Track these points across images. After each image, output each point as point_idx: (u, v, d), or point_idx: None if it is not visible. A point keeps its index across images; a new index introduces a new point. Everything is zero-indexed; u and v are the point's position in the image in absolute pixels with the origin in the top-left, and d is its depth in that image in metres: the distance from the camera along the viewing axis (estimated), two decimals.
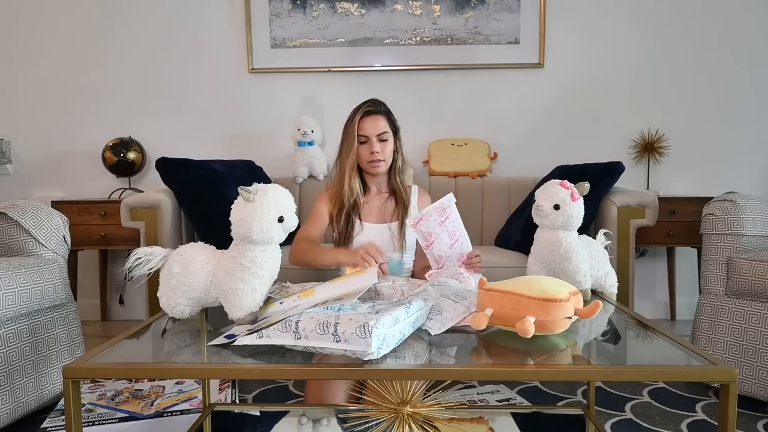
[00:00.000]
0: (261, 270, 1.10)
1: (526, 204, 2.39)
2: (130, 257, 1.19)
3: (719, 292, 1.88)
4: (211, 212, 2.21)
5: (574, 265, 1.29)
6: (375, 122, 1.74)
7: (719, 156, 2.88)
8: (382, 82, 2.89)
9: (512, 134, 2.90)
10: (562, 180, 1.32)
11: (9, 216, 1.83)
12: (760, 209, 1.89)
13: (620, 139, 2.88)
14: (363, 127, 1.73)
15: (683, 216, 2.56)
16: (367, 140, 1.73)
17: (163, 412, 1.73)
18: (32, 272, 1.71)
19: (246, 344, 0.98)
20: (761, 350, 1.74)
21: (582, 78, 2.87)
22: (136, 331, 1.13)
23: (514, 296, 1.02)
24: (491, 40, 2.84)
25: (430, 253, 1.53)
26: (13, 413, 1.62)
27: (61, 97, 2.95)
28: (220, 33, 2.90)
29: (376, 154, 1.73)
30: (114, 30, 2.91)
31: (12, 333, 1.63)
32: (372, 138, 1.73)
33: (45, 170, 2.99)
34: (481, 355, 1.02)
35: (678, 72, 2.85)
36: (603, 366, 0.98)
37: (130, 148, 2.82)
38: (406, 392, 1.19)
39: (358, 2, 2.83)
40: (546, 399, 1.88)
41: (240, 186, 1.10)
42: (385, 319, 0.92)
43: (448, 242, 1.51)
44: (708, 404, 1.81)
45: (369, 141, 1.73)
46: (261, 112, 2.94)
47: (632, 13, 2.84)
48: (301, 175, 2.69)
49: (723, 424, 0.85)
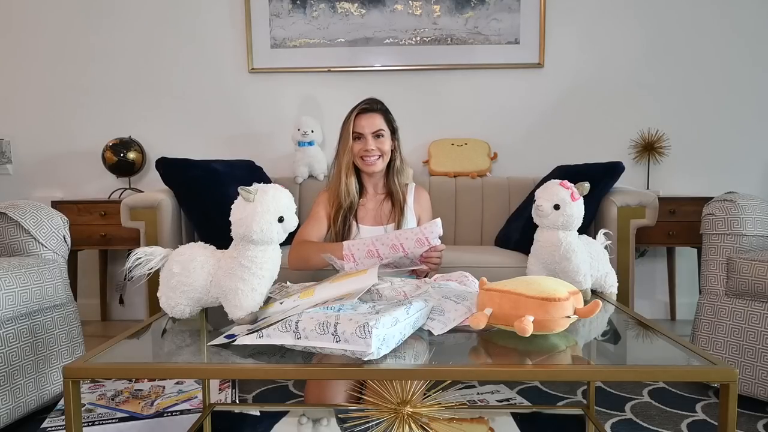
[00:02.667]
0: (261, 270, 1.10)
1: (526, 204, 2.38)
2: (130, 257, 1.19)
3: (719, 292, 1.88)
4: (211, 212, 2.21)
5: (574, 265, 1.29)
6: (371, 119, 1.74)
7: (719, 156, 2.88)
8: (382, 82, 2.89)
9: (512, 134, 2.90)
10: (562, 180, 1.32)
11: (9, 216, 1.83)
12: (760, 209, 1.89)
13: (620, 139, 2.88)
14: (358, 124, 1.73)
15: (683, 216, 2.56)
16: (361, 137, 1.73)
17: (163, 412, 1.73)
18: (32, 272, 1.71)
19: (246, 344, 0.98)
20: (761, 350, 1.74)
21: (582, 78, 2.87)
22: (136, 331, 1.13)
23: (513, 296, 1.02)
24: (491, 40, 2.84)
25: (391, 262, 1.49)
26: (13, 413, 1.62)
27: (61, 97, 2.95)
28: (220, 33, 2.90)
29: (370, 151, 1.72)
30: (114, 30, 2.91)
31: (12, 333, 1.63)
32: (367, 135, 1.73)
33: (45, 170, 2.99)
34: (481, 355, 1.02)
35: (678, 72, 2.85)
36: (603, 366, 0.98)
37: (130, 148, 2.82)
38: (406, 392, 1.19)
39: (358, 2, 2.83)
40: (546, 399, 1.88)
41: (240, 186, 1.09)
42: (385, 319, 0.92)
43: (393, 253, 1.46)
44: (708, 404, 1.81)
45: (364, 138, 1.73)
46: (261, 112, 2.94)
47: (632, 13, 2.84)
48: (301, 175, 2.69)
49: (723, 424, 0.85)
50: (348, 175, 1.76)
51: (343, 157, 1.75)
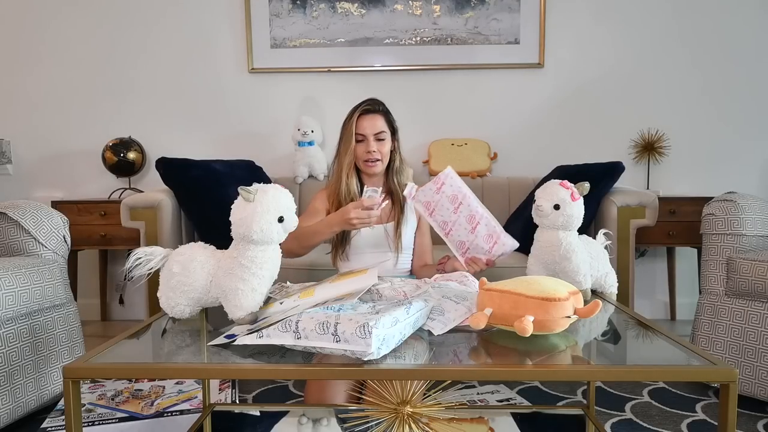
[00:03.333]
0: (261, 270, 1.10)
1: (526, 204, 2.39)
2: (130, 257, 1.19)
3: (719, 292, 1.88)
4: (211, 212, 2.21)
5: (574, 265, 1.29)
6: (373, 121, 1.73)
7: (719, 156, 2.88)
8: (382, 82, 2.89)
9: (512, 134, 2.90)
10: (562, 180, 1.32)
11: (9, 216, 1.83)
12: (760, 209, 1.89)
13: (620, 139, 2.88)
14: (360, 126, 1.73)
15: (683, 216, 2.56)
16: (364, 139, 1.73)
17: (163, 412, 1.73)
18: (32, 272, 1.71)
19: (246, 344, 0.98)
20: (761, 350, 1.74)
21: (582, 78, 2.88)
22: (136, 331, 1.13)
23: (513, 296, 1.02)
24: (491, 40, 2.84)
25: (451, 242, 1.45)
26: (13, 413, 1.62)
27: (61, 97, 2.96)
28: (220, 33, 2.90)
29: (372, 153, 1.72)
30: (114, 30, 2.91)
31: (12, 333, 1.63)
32: (369, 137, 1.72)
33: (45, 170, 2.99)
34: (481, 355, 1.02)
35: (678, 72, 2.85)
36: (603, 366, 0.98)
37: (130, 148, 2.82)
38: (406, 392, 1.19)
39: (358, 2, 2.83)
40: (546, 399, 1.88)
41: (240, 186, 1.09)
42: (385, 319, 0.92)
43: (466, 226, 1.42)
44: (708, 404, 1.81)
45: (366, 140, 1.73)
46: (261, 112, 2.94)
47: (632, 13, 2.84)
48: (301, 175, 2.69)
49: (723, 424, 0.85)
50: (349, 175, 1.76)
51: (345, 158, 1.75)
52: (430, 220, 1.49)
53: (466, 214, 1.44)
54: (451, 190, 1.46)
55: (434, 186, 1.48)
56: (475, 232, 1.43)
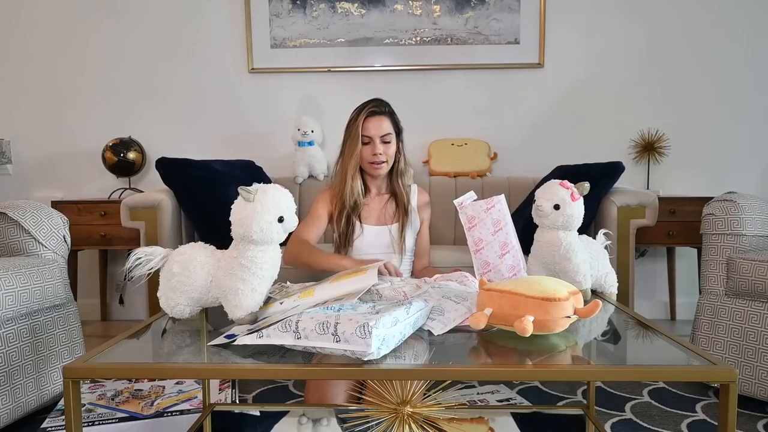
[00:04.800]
0: (261, 270, 1.10)
1: (526, 204, 2.38)
2: (130, 257, 1.19)
3: (719, 292, 1.88)
4: (211, 212, 2.21)
5: (574, 265, 1.29)
6: (379, 123, 1.72)
7: (719, 156, 2.88)
8: (382, 82, 2.89)
9: (512, 134, 2.90)
10: (562, 180, 1.32)
11: (9, 216, 1.83)
12: (760, 209, 1.89)
13: (620, 139, 2.88)
14: (367, 128, 1.71)
15: (683, 216, 2.56)
16: (370, 141, 1.72)
17: (163, 412, 1.73)
18: (32, 272, 1.71)
19: (246, 344, 0.98)
20: (761, 350, 1.74)
21: (582, 78, 2.88)
22: (136, 331, 1.13)
23: (513, 296, 1.02)
24: (491, 40, 2.84)
25: (478, 259, 1.49)
26: (13, 413, 1.62)
27: (61, 97, 2.96)
28: (220, 33, 2.90)
29: (378, 156, 1.71)
30: (114, 30, 2.92)
31: (12, 333, 1.63)
32: (375, 139, 1.71)
33: (45, 170, 2.99)
34: (481, 355, 1.02)
35: (678, 72, 2.85)
36: (603, 366, 0.98)
37: (130, 148, 2.82)
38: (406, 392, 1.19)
39: (358, 2, 2.83)
40: (546, 399, 1.88)
41: (240, 186, 1.09)
42: (385, 319, 0.92)
43: (498, 251, 1.47)
44: (708, 404, 1.81)
45: (372, 142, 1.72)
46: (261, 112, 2.94)
47: (632, 13, 2.84)
48: (301, 175, 2.69)
49: (723, 424, 0.85)
50: (354, 177, 1.75)
51: (350, 159, 1.73)
52: (468, 233, 1.53)
53: (502, 240, 1.49)
54: (498, 214, 1.50)
55: (486, 205, 1.51)
56: (502, 259, 1.48)
